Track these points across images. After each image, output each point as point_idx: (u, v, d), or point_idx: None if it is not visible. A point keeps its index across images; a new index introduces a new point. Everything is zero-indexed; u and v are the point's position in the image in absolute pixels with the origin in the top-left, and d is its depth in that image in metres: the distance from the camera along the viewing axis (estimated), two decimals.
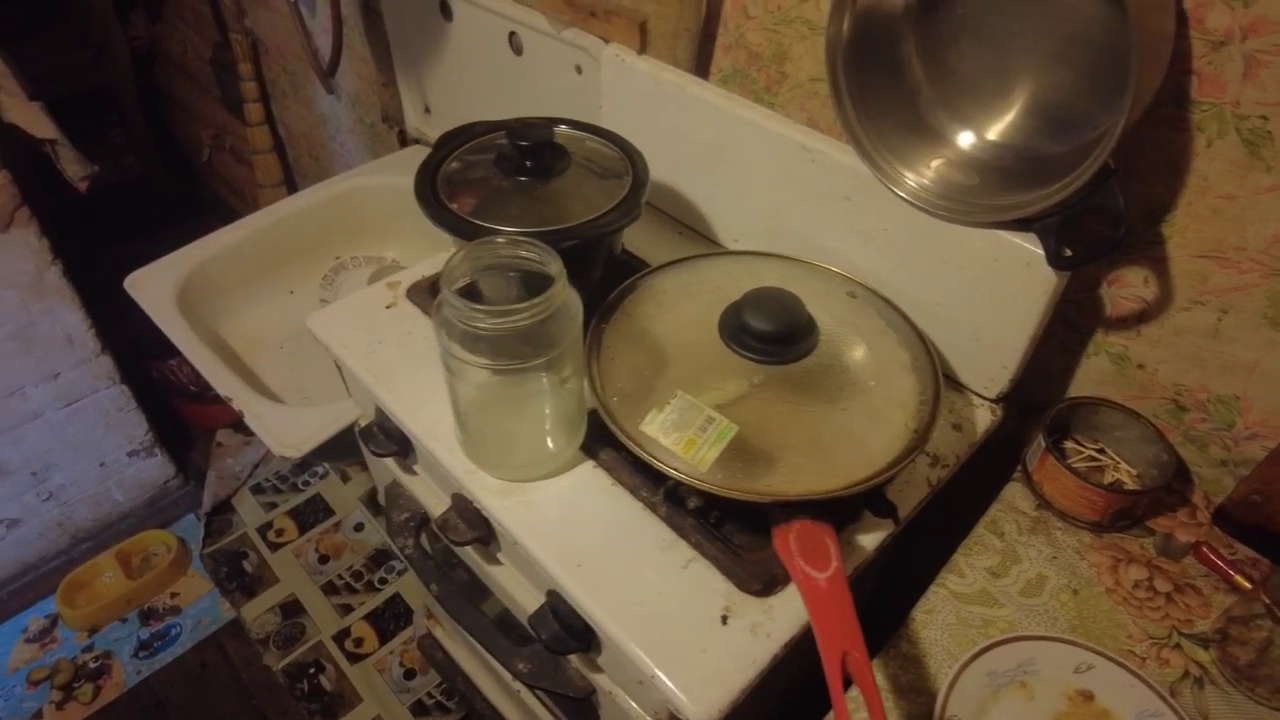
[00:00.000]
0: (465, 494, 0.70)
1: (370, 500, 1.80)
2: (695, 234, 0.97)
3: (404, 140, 1.53)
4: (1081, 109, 0.66)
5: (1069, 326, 0.78)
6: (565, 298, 0.60)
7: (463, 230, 0.72)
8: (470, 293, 0.63)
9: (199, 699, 1.53)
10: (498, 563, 0.77)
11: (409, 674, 1.53)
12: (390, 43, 1.41)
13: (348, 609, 1.63)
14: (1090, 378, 0.79)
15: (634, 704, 0.67)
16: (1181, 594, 0.68)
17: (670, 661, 0.57)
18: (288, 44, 1.76)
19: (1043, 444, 0.74)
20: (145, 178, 2.67)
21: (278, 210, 1.33)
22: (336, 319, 0.83)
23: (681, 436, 0.62)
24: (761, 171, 0.85)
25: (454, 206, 0.74)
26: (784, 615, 0.60)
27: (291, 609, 1.63)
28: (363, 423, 0.88)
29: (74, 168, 1.40)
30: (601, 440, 0.70)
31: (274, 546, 1.73)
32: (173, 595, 1.66)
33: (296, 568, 1.69)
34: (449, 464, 0.70)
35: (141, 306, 1.18)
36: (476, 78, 1.25)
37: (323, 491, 1.83)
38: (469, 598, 0.75)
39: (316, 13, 1.56)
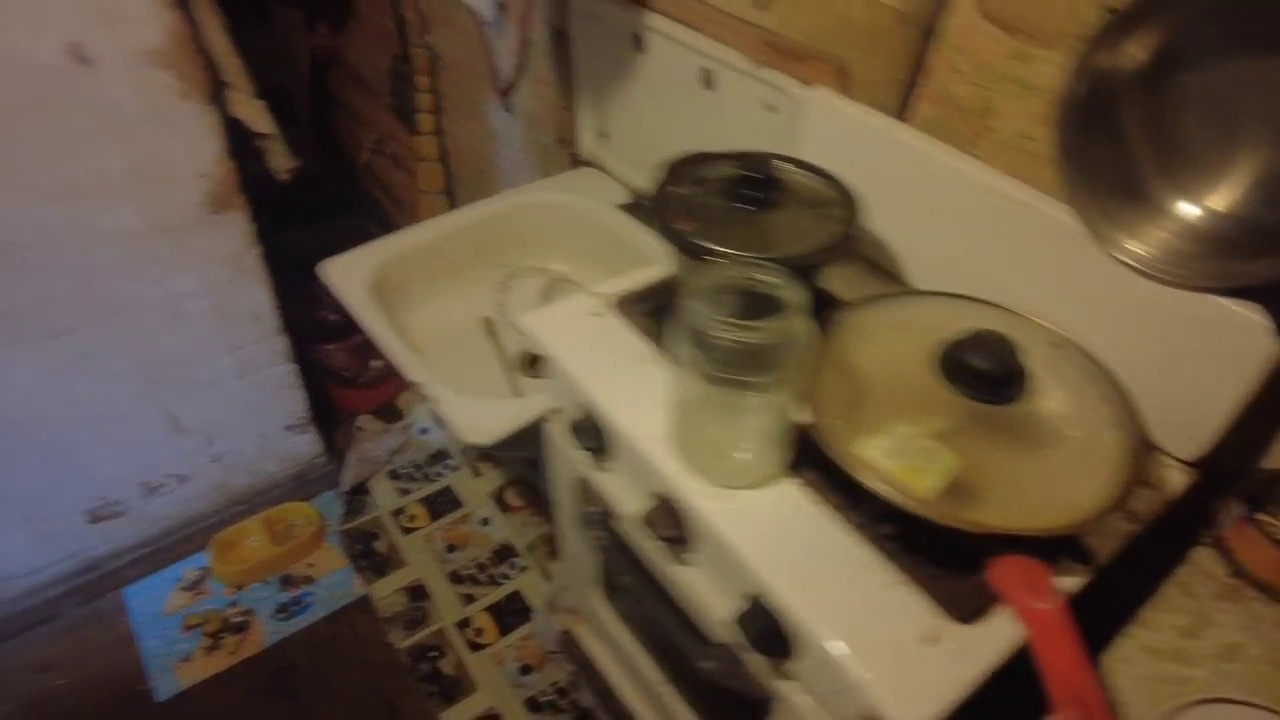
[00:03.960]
0: (672, 494, 0.75)
1: (498, 497, 1.88)
2: (880, 270, 1.00)
3: (575, 162, 1.61)
4: None
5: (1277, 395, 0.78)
6: (805, 327, 0.65)
7: (691, 250, 0.77)
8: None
9: (327, 667, 1.62)
10: (683, 563, 0.81)
11: (525, 669, 1.58)
12: (575, 69, 1.50)
13: (470, 599, 1.70)
14: None
15: (820, 713, 0.70)
16: None
17: (878, 672, 0.60)
18: (467, 62, 1.88)
19: (1239, 512, 0.74)
20: (306, 174, 2.87)
21: (461, 216, 1.43)
22: (550, 321, 0.90)
23: (901, 463, 0.65)
24: (962, 218, 0.88)
25: (677, 227, 0.80)
26: (987, 642, 0.62)
27: (418, 592, 1.71)
28: (555, 419, 0.94)
29: (280, 160, 1.54)
30: (807, 460, 0.74)
31: (405, 531, 1.82)
32: (309, 565, 1.77)
33: (425, 553, 1.78)
34: (660, 465, 0.75)
35: (335, 292, 1.29)
36: (662, 108, 1.32)
37: (453, 484, 1.92)
38: (661, 592, 0.80)
39: (505, 36, 1.67)
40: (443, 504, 1.88)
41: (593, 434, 0.86)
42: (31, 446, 1.47)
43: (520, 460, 1.93)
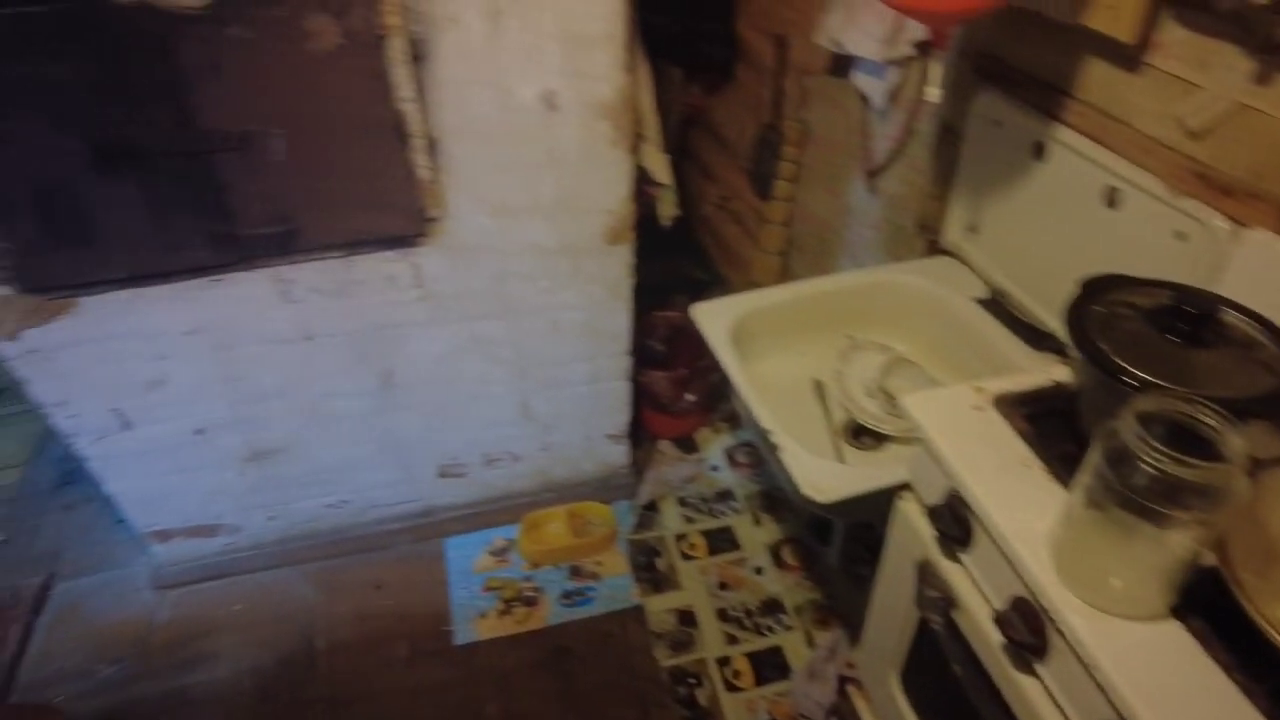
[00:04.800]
0: (1038, 602, 0.77)
1: (774, 551, 1.94)
2: None
3: (932, 249, 1.65)
4: None
5: None
6: (1243, 478, 0.64)
7: (1109, 369, 0.79)
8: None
9: (597, 660, 1.76)
10: (1029, 672, 0.81)
11: None
12: (958, 163, 1.54)
13: (733, 640, 1.77)
14: None
15: None
16: None
17: None
18: (839, 139, 1.99)
19: None
20: (649, 214, 3.17)
21: (825, 283, 1.53)
22: (930, 405, 0.95)
23: None
24: None
25: (1100, 345, 0.81)
26: None
27: (687, 618, 1.82)
28: (908, 497, 0.99)
29: (667, 209, 1.74)
30: (1194, 605, 0.72)
31: (685, 557, 1.94)
32: (597, 563, 1.94)
33: (700, 583, 1.88)
34: (1033, 570, 0.77)
35: (702, 332, 1.44)
36: (1050, 217, 1.33)
37: (734, 525, 2.01)
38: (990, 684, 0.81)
39: (888, 122, 1.76)
40: (722, 541, 1.98)
41: (955, 522, 0.89)
42: (422, 404, 1.77)
43: (800, 522, 1.98)
